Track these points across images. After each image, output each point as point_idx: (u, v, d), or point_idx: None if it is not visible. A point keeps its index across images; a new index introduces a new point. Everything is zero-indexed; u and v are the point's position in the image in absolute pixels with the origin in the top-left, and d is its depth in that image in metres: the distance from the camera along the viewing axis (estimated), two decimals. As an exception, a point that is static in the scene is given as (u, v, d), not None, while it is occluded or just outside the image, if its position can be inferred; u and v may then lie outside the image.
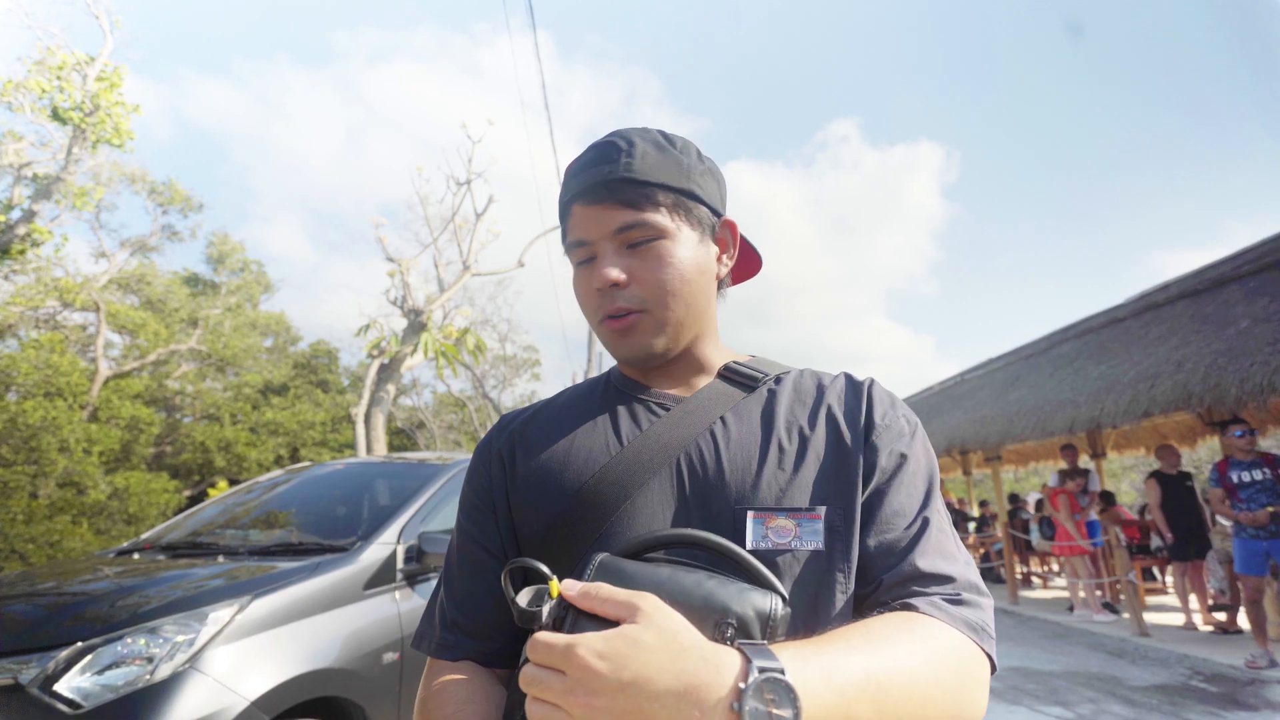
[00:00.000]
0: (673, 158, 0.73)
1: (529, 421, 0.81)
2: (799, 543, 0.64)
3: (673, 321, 0.73)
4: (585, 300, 0.75)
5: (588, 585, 0.53)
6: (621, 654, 0.46)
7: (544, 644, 0.49)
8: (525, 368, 24.04)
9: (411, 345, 10.77)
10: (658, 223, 0.71)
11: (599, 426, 0.75)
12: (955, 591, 0.63)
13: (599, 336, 0.76)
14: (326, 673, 2.24)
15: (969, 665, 0.59)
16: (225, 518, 3.36)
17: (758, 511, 0.65)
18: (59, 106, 7.98)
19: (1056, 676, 4.96)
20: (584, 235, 0.72)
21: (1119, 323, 8.41)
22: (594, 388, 0.83)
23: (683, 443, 0.71)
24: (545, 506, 0.71)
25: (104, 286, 14.89)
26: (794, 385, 0.77)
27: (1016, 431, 8.06)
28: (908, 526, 0.67)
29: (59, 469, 10.90)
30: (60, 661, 1.91)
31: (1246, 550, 4.83)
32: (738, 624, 0.52)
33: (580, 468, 0.72)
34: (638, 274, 0.71)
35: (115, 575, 2.54)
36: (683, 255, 0.72)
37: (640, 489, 0.69)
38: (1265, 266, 6.48)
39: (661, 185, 0.71)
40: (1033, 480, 19.96)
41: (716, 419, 0.73)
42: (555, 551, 0.68)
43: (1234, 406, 5.59)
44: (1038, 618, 7.41)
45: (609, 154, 0.72)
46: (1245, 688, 4.49)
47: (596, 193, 0.71)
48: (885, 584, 0.64)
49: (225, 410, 15.83)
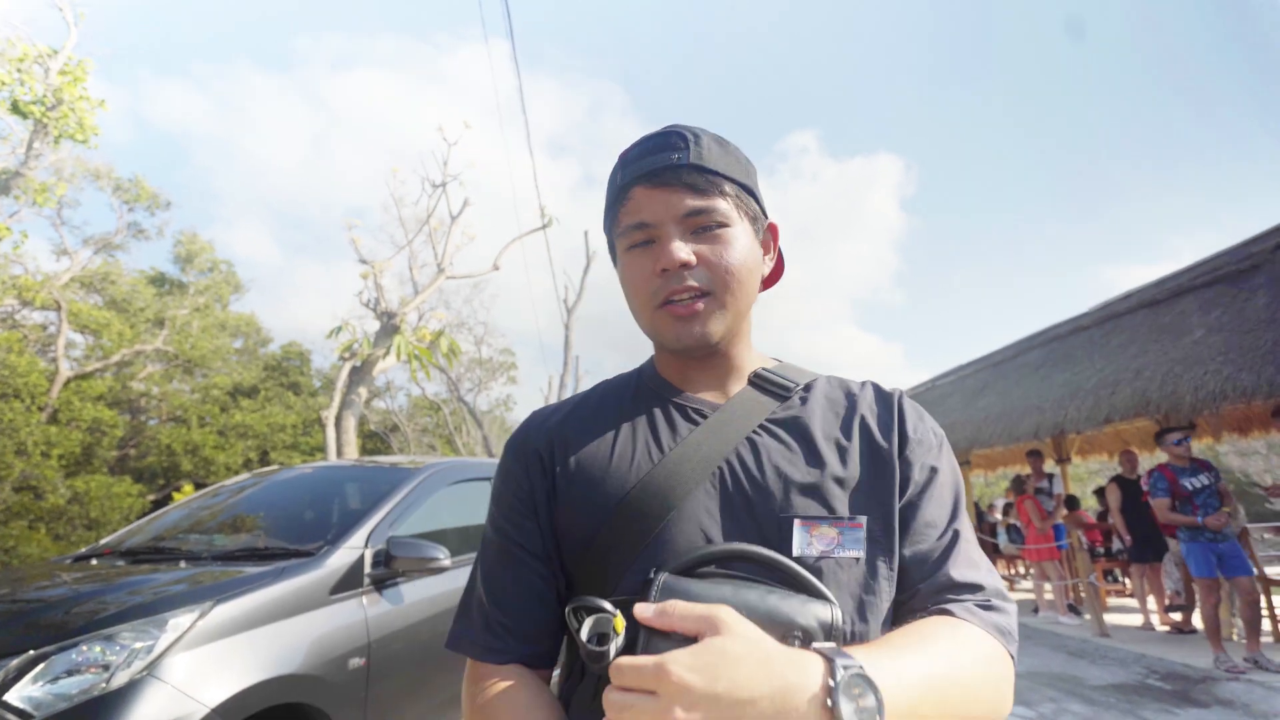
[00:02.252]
0: (733, 154, 0.75)
1: (566, 420, 0.79)
2: (841, 550, 0.66)
3: (733, 309, 0.73)
4: (642, 283, 0.72)
5: (662, 604, 0.53)
6: (713, 665, 0.47)
7: (632, 667, 0.49)
8: (501, 371, 23.89)
9: (384, 348, 10.65)
10: (725, 211, 0.71)
11: (639, 432, 0.75)
12: (985, 598, 0.67)
13: (653, 323, 0.74)
14: (290, 679, 2.21)
15: (1001, 665, 0.63)
16: (189, 522, 3.29)
17: (803, 520, 0.67)
18: (19, 100, 7.76)
19: (1020, 677, 5.07)
20: (648, 217, 0.71)
21: (1082, 331, 8.65)
22: (626, 386, 0.83)
23: (723, 452, 0.71)
24: (590, 514, 0.71)
25: (65, 285, 14.46)
26: (824, 394, 0.79)
27: (985, 437, 8.24)
28: (940, 537, 0.70)
29: (15, 473, 10.55)
30: (11, 670, 1.86)
31: (1204, 554, 4.94)
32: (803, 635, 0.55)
33: (623, 476, 0.71)
34: (705, 257, 0.70)
35: (72, 581, 2.48)
36: (744, 245, 0.73)
37: (685, 499, 0.69)
38: (1218, 279, 6.72)
39: (728, 177, 0.72)
40: (1001, 485, 20.36)
41: (754, 428, 0.73)
42: (601, 560, 0.69)
43: (1189, 413, 5.79)
44: (1004, 619, 7.54)
45: (674, 142, 0.72)
46: (1198, 685, 4.64)
47: (664, 176, 0.71)
48: (923, 592, 0.68)
49: (193, 412, 15.45)
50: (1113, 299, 8.83)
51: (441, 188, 11.72)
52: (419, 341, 11.57)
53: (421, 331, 11.93)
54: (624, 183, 0.73)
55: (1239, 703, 4.24)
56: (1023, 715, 4.14)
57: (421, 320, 12.88)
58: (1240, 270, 6.49)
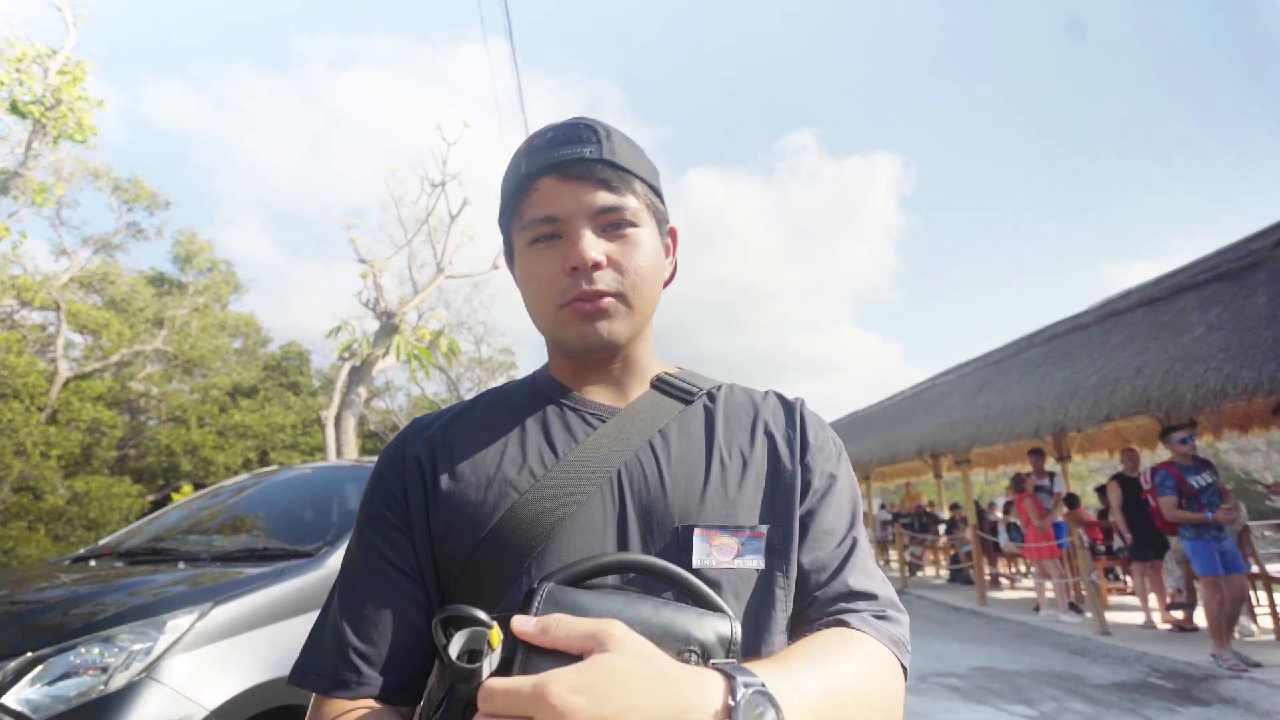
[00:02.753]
0: (640, 153, 0.73)
1: (449, 427, 0.74)
2: (741, 561, 0.65)
3: (639, 312, 0.70)
4: (548, 281, 0.68)
5: (544, 619, 0.48)
6: (600, 686, 0.42)
7: (505, 690, 0.43)
8: (501, 370, 23.87)
9: (384, 348, 10.65)
10: (636, 210, 0.69)
11: (530, 437, 0.70)
12: (880, 608, 0.67)
13: (555, 322, 0.69)
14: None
15: (895, 679, 0.63)
16: (189, 523, 3.28)
17: (704, 529, 0.64)
18: (18, 100, 7.74)
19: (1021, 675, 5.07)
20: (556, 211, 0.67)
21: (1083, 329, 8.64)
22: (519, 391, 0.78)
23: (621, 457, 0.68)
24: (473, 523, 0.65)
25: (65, 285, 14.45)
26: (727, 401, 0.76)
27: (985, 435, 8.23)
28: (838, 545, 0.69)
29: (14, 473, 10.55)
30: (9, 673, 1.85)
31: (1208, 552, 4.93)
32: (700, 650, 0.52)
33: (511, 481, 0.66)
34: (615, 259, 0.68)
35: (70, 583, 2.47)
36: (651, 247, 0.71)
37: (579, 507, 0.65)
38: (1218, 276, 6.71)
39: (638, 175, 0.70)
40: (1001, 483, 20.37)
41: (655, 433, 0.70)
42: (483, 573, 0.63)
43: (1189, 411, 5.78)
44: (1004, 618, 7.55)
45: (584, 135, 0.68)
46: (1199, 683, 4.64)
47: (576, 169, 0.67)
48: (819, 600, 0.67)
49: (192, 413, 15.44)
50: (1112, 297, 8.82)
51: (441, 187, 11.71)
52: (419, 341, 11.56)
53: (421, 331, 11.92)
54: (529, 172, 0.68)
55: (1241, 701, 4.23)
56: (1025, 714, 4.13)
57: (421, 320, 12.87)
58: (1240, 268, 6.48)
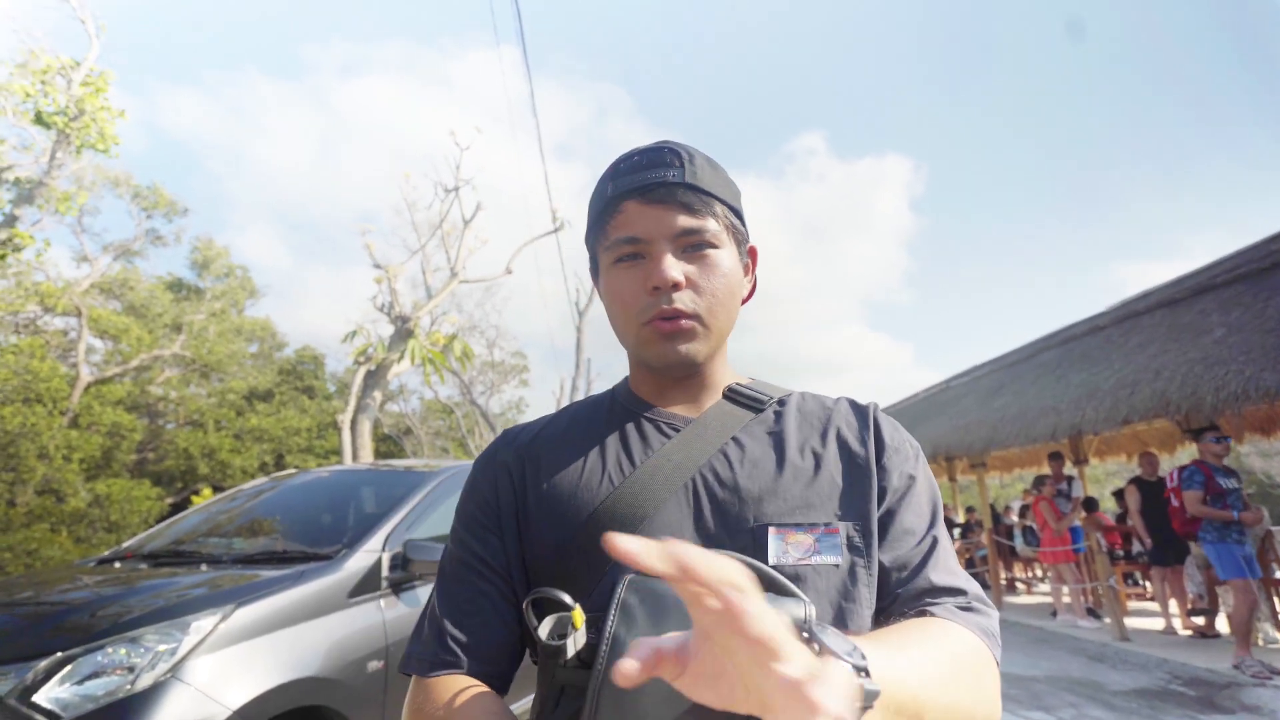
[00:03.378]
0: (722, 176, 0.75)
1: (536, 438, 0.79)
2: (818, 557, 0.66)
3: (717, 331, 0.73)
4: (631, 299, 0.71)
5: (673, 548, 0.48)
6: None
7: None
8: (513, 374, 23.98)
9: (398, 352, 10.73)
10: (715, 232, 0.71)
11: (610, 447, 0.75)
12: (967, 601, 0.66)
13: (637, 339, 0.73)
14: (310, 681, 2.23)
15: (987, 665, 0.61)
16: (208, 526, 3.33)
17: (778, 528, 0.66)
18: (42, 110, 7.90)
19: (1039, 681, 5.01)
20: (639, 233, 0.70)
21: (1100, 331, 8.54)
22: (599, 405, 0.82)
23: (696, 462, 0.71)
24: (559, 528, 0.70)
25: (86, 291, 14.71)
26: (798, 408, 0.78)
27: (1000, 438, 8.15)
28: (918, 544, 0.70)
29: (38, 476, 10.74)
30: (39, 672, 1.89)
31: (1232, 555, 4.89)
32: None
33: (594, 489, 0.71)
34: (694, 279, 0.70)
35: (95, 584, 2.52)
36: (730, 268, 0.73)
37: (657, 510, 0.68)
38: (1238, 277, 6.62)
39: (719, 198, 0.72)
40: (1017, 487, 20.15)
41: (728, 439, 0.73)
42: (568, 574, 0.67)
43: (1210, 414, 5.70)
44: (1021, 623, 7.47)
45: (668, 159, 0.71)
46: (1222, 691, 4.56)
47: (659, 193, 0.70)
48: (902, 597, 0.67)
49: (209, 416, 15.65)
50: (1130, 298, 8.72)
51: (454, 192, 11.80)
52: (432, 345, 11.64)
53: (435, 335, 12.00)
54: (615, 195, 0.72)
55: (1265, 709, 4.16)
56: (1042, 720, 4.09)
57: (435, 324, 12.97)
58: (1261, 269, 6.38)
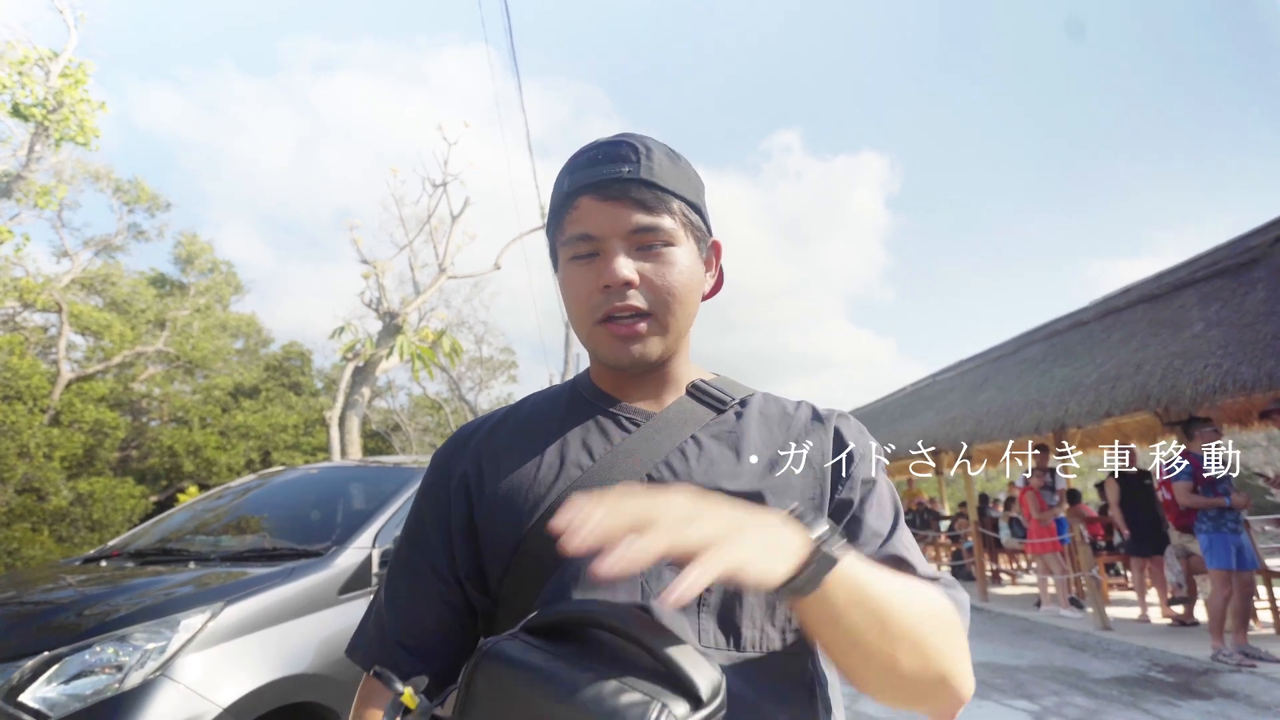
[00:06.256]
0: (683, 170, 0.74)
1: (493, 432, 0.78)
2: None
3: (673, 329, 0.72)
4: (583, 297, 0.71)
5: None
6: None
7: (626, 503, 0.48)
8: (502, 370, 23.91)
9: (387, 348, 10.67)
10: (671, 229, 0.70)
11: (569, 440, 0.74)
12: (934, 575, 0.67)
13: (590, 337, 0.72)
14: (301, 678, 2.23)
15: (956, 627, 0.62)
16: (195, 524, 3.31)
17: None
18: (20, 103, 7.76)
19: (1023, 670, 5.10)
20: (592, 230, 0.69)
21: (1082, 325, 8.66)
22: (559, 396, 0.81)
23: (655, 458, 0.70)
24: (513, 524, 0.69)
25: (66, 287, 14.47)
26: (760, 410, 0.78)
27: (985, 432, 8.24)
28: (884, 544, 0.70)
29: (18, 475, 10.59)
30: (26, 672, 1.88)
31: (1225, 546, 4.90)
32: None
33: (551, 481, 0.70)
34: (648, 277, 0.69)
35: (82, 583, 2.50)
36: (686, 265, 0.72)
37: None
38: (1217, 273, 6.73)
39: (676, 194, 0.71)
40: (1002, 480, 20.39)
41: (687, 438, 0.73)
42: (526, 571, 0.67)
43: (1189, 406, 5.80)
44: (1006, 614, 7.58)
45: (625, 154, 0.70)
46: (1200, 677, 4.67)
47: (612, 189, 0.69)
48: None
49: (194, 413, 15.47)
50: (1112, 294, 8.84)
51: (442, 187, 11.73)
52: (421, 341, 11.59)
53: (423, 331, 11.95)
54: (571, 190, 0.71)
55: (1241, 694, 4.26)
56: (1026, 708, 4.16)
57: (423, 320, 12.90)
58: (1239, 264, 6.49)
